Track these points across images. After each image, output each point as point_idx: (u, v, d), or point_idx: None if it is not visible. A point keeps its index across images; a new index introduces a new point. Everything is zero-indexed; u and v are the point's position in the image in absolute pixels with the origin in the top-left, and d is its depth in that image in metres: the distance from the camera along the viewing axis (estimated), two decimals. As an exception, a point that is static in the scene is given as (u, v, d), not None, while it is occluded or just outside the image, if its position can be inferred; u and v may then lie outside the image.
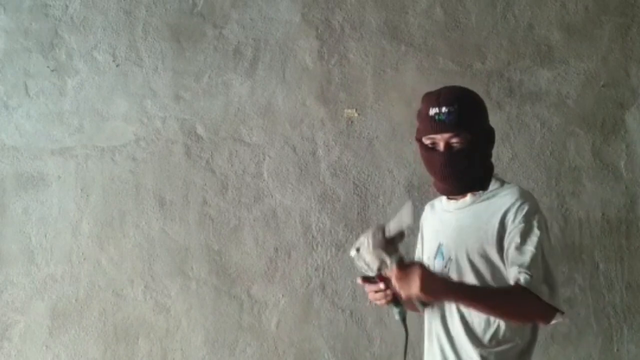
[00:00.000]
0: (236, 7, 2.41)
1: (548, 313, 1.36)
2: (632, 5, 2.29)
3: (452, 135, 1.42)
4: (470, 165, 1.45)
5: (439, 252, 1.50)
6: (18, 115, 2.44)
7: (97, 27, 2.46)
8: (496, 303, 1.34)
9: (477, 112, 1.48)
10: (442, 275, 1.43)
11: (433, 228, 1.57)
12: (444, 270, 1.46)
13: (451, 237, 1.49)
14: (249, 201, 2.33)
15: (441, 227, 1.54)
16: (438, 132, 1.43)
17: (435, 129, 1.43)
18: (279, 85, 2.37)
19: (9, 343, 2.33)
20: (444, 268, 1.47)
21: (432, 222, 1.59)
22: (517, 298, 1.34)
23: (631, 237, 2.20)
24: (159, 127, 2.39)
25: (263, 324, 2.28)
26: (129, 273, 2.33)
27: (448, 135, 1.42)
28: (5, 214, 2.40)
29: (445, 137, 1.43)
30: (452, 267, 1.46)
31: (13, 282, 2.36)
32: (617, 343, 2.17)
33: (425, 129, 1.45)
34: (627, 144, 2.24)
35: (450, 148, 1.43)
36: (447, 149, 1.43)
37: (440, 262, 1.49)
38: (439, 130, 1.42)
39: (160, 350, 2.30)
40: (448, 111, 1.41)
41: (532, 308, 1.34)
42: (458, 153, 1.43)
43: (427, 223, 1.63)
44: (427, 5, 2.35)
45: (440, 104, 1.43)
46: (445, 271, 1.46)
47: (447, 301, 1.43)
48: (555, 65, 2.28)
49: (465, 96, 1.47)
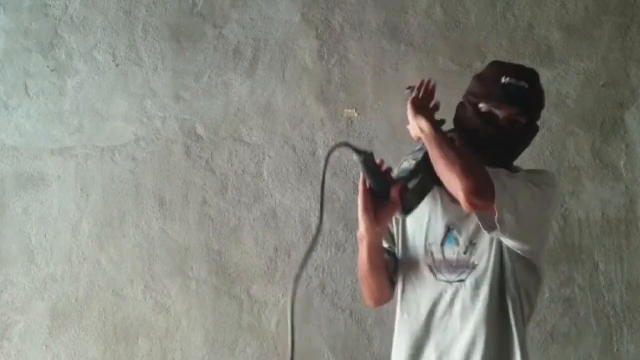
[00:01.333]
0: (236, 7, 2.42)
1: (482, 183, 1.23)
2: (632, 5, 2.29)
3: (518, 112, 1.33)
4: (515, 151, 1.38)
5: (450, 237, 1.38)
6: (18, 115, 2.44)
7: (97, 27, 2.46)
8: (455, 151, 1.26)
9: (543, 103, 1.40)
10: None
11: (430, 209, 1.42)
12: (464, 257, 1.35)
13: (468, 221, 1.35)
14: (249, 201, 2.33)
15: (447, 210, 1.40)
16: (507, 102, 1.32)
17: (505, 98, 1.32)
18: (279, 85, 2.37)
19: (9, 343, 2.33)
20: (462, 254, 1.35)
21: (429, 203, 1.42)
22: (475, 163, 1.25)
23: (631, 237, 2.20)
24: (159, 127, 2.39)
25: (263, 324, 2.28)
26: (129, 273, 2.33)
27: (515, 110, 1.33)
28: (5, 214, 2.40)
29: (510, 111, 1.33)
30: (475, 253, 1.35)
31: (13, 282, 2.36)
32: (617, 343, 2.17)
33: (492, 94, 1.34)
34: (627, 144, 2.24)
35: (510, 122, 1.33)
36: (507, 122, 1.33)
37: (454, 248, 1.37)
38: (509, 100, 1.32)
39: (160, 350, 2.30)
40: (523, 86, 1.32)
41: (479, 173, 1.24)
42: (514, 131, 1.34)
43: None
44: (427, 5, 2.35)
45: (518, 76, 1.33)
46: (467, 257, 1.35)
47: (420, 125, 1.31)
48: (555, 65, 2.28)
49: (539, 81, 1.39)
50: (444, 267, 1.37)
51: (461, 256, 1.35)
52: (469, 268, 1.35)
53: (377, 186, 1.30)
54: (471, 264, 1.35)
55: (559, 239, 2.20)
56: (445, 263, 1.37)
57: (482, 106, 1.35)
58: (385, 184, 1.30)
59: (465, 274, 1.35)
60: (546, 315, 2.18)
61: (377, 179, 1.29)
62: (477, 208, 1.24)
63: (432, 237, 1.40)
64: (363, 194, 1.30)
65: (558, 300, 2.18)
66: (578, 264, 2.20)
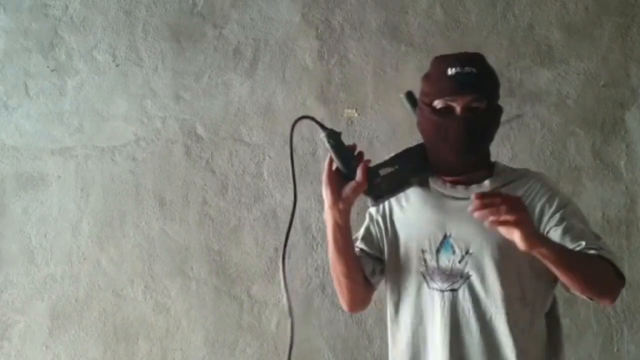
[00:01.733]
0: (236, 7, 2.42)
1: (618, 286, 1.24)
2: (632, 5, 2.29)
3: (474, 99, 1.27)
4: (486, 137, 1.32)
5: (446, 245, 1.31)
6: (18, 115, 2.44)
7: (97, 27, 2.46)
8: (585, 268, 1.18)
9: (497, 82, 1.34)
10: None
11: (423, 215, 1.35)
12: (458, 266, 1.28)
13: (466, 228, 1.28)
14: (249, 201, 2.33)
15: (444, 215, 1.32)
16: (459, 93, 1.27)
17: (456, 89, 1.27)
18: (279, 85, 2.37)
19: (9, 343, 2.33)
20: (457, 263, 1.28)
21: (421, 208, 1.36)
22: (599, 264, 1.20)
23: (631, 237, 2.20)
24: (159, 127, 2.39)
25: (263, 324, 2.28)
26: (129, 273, 2.33)
27: (469, 97, 1.27)
28: (5, 214, 2.40)
29: (465, 100, 1.27)
30: (472, 263, 1.28)
31: (13, 282, 2.36)
32: (617, 343, 2.17)
33: (442, 89, 1.28)
34: (627, 144, 2.24)
35: (469, 112, 1.27)
36: (466, 112, 1.27)
37: (450, 256, 1.30)
38: (461, 90, 1.26)
39: (160, 350, 2.30)
40: (471, 72, 1.27)
41: (609, 277, 1.22)
42: (477, 119, 1.27)
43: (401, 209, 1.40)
44: (427, 5, 2.35)
45: (462, 63, 1.28)
46: (461, 267, 1.28)
47: (542, 254, 1.12)
48: (555, 65, 2.28)
49: (485, 62, 1.34)
50: (436, 275, 1.31)
51: (456, 265, 1.29)
52: (462, 278, 1.29)
53: (342, 163, 1.26)
54: (465, 274, 1.29)
55: (559, 239, 2.20)
56: (439, 271, 1.31)
57: (436, 103, 1.30)
58: (350, 162, 1.26)
59: (457, 283, 1.29)
60: (546, 315, 2.18)
61: (341, 155, 1.26)
62: None
63: (425, 243, 1.33)
64: (327, 170, 1.27)
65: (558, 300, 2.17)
66: (578, 264, 2.19)
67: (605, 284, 1.23)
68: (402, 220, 1.39)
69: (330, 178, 1.27)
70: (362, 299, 1.41)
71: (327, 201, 1.27)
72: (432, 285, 1.31)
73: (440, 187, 1.35)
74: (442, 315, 1.29)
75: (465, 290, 1.28)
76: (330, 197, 1.27)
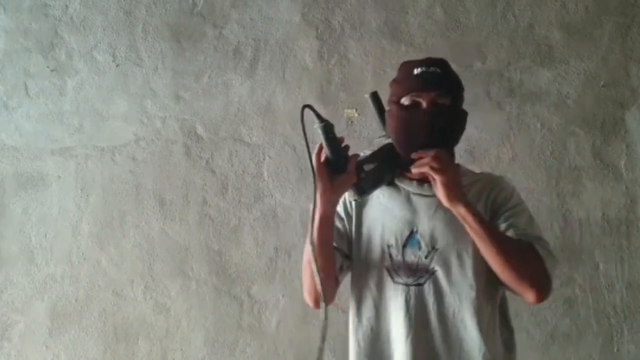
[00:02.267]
0: (236, 7, 2.42)
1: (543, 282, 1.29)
2: (632, 5, 2.29)
3: (439, 95, 1.33)
4: (451, 135, 1.36)
5: (412, 240, 1.35)
6: (18, 115, 2.44)
7: (97, 27, 2.46)
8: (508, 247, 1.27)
9: (461, 85, 1.41)
10: None
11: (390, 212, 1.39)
12: (424, 261, 1.33)
13: (433, 224, 1.35)
14: (249, 201, 2.32)
15: (411, 212, 1.37)
16: (424, 89, 1.33)
17: (422, 85, 1.34)
18: (279, 85, 2.37)
19: (9, 343, 2.33)
20: (423, 259, 1.33)
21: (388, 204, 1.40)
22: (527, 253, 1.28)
23: (631, 237, 2.20)
24: (159, 127, 2.39)
25: (263, 324, 2.27)
26: (129, 273, 2.33)
27: (435, 93, 1.33)
28: (5, 214, 2.40)
29: (430, 96, 1.33)
30: (437, 258, 1.33)
31: (13, 282, 2.36)
32: (617, 343, 2.17)
33: (409, 86, 1.35)
34: (627, 144, 2.24)
35: (434, 106, 1.33)
36: (431, 106, 1.33)
37: (416, 252, 1.34)
38: (426, 86, 1.33)
39: (160, 350, 2.30)
40: (435, 71, 1.35)
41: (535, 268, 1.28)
42: (442, 114, 1.33)
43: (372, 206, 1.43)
44: (427, 5, 2.35)
45: (427, 64, 1.36)
46: (427, 262, 1.33)
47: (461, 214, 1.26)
48: (555, 65, 2.28)
49: (449, 66, 1.41)
50: (402, 270, 1.34)
51: (422, 260, 1.33)
52: (428, 273, 1.33)
53: (334, 155, 1.29)
54: (431, 269, 1.33)
55: (559, 239, 2.20)
56: (405, 266, 1.34)
57: (404, 100, 1.36)
58: (341, 155, 1.30)
59: (423, 278, 1.33)
60: (546, 315, 2.18)
61: (334, 148, 1.29)
62: None
63: (392, 237, 1.37)
64: (317, 160, 1.29)
65: (558, 300, 2.18)
66: (578, 264, 2.19)
67: (528, 273, 1.27)
68: (369, 216, 1.41)
69: (321, 167, 1.29)
70: (330, 294, 1.41)
71: (320, 189, 1.28)
72: (397, 279, 1.34)
73: (407, 185, 1.40)
74: (407, 310, 1.32)
75: (431, 285, 1.32)
76: (323, 186, 1.28)
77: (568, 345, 2.18)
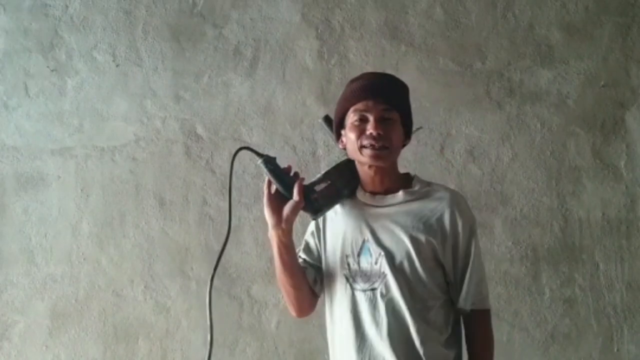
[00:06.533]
0: (236, 7, 2.42)
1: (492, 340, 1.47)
2: (632, 5, 2.29)
3: (385, 108, 1.37)
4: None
5: (365, 249, 1.42)
6: (18, 115, 2.45)
7: (97, 27, 2.46)
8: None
9: (408, 98, 1.44)
10: None
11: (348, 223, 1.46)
12: (375, 267, 1.40)
13: (381, 234, 1.41)
14: (249, 201, 2.32)
15: (363, 222, 1.44)
16: (371, 99, 1.36)
17: (368, 96, 1.37)
18: (279, 85, 2.37)
19: (9, 343, 2.33)
20: (374, 265, 1.41)
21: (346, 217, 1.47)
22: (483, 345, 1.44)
23: (631, 237, 2.20)
24: (159, 127, 2.39)
25: (263, 324, 2.28)
26: (129, 273, 2.33)
27: (381, 106, 1.36)
28: (5, 214, 2.40)
29: (378, 109, 1.36)
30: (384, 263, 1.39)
31: (13, 282, 2.36)
32: (617, 343, 2.17)
33: (355, 98, 1.38)
34: (627, 144, 2.24)
35: (382, 120, 1.36)
36: (379, 119, 1.36)
37: (368, 259, 1.41)
38: (373, 96, 1.36)
39: (160, 350, 2.30)
40: (381, 83, 1.40)
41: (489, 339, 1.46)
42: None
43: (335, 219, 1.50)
44: (427, 5, 2.35)
45: (372, 78, 1.41)
46: (377, 267, 1.40)
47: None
48: (555, 65, 2.28)
49: (398, 80, 1.44)
50: (359, 277, 1.42)
51: (373, 266, 1.41)
52: (379, 277, 1.40)
53: (281, 185, 1.38)
54: (381, 273, 1.40)
55: (559, 239, 2.20)
56: (361, 273, 1.42)
57: (351, 116, 1.40)
58: (288, 183, 1.38)
59: (377, 282, 1.40)
60: (546, 315, 2.18)
61: (279, 178, 1.38)
62: None
63: (348, 248, 1.45)
64: (267, 194, 1.39)
65: (558, 300, 2.18)
66: (578, 264, 2.20)
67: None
68: (332, 229, 1.50)
69: (271, 200, 1.39)
70: (308, 305, 1.53)
71: (270, 222, 1.38)
72: (355, 286, 1.43)
73: (362, 197, 1.47)
74: (368, 313, 1.40)
75: (383, 287, 1.40)
76: (272, 218, 1.38)
77: (568, 345, 2.18)
